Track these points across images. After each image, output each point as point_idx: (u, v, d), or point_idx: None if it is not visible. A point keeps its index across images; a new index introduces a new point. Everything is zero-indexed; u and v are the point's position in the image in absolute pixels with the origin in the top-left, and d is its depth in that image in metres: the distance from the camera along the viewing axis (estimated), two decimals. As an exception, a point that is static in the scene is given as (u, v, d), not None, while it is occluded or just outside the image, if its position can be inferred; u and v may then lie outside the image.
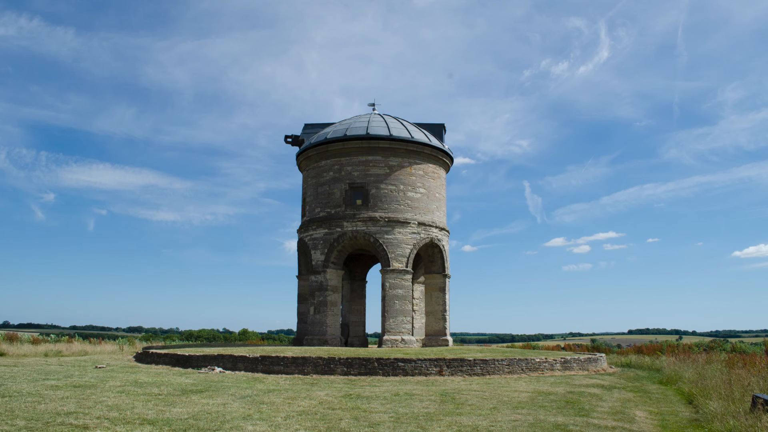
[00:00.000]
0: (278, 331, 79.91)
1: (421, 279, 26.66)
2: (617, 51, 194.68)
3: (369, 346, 26.81)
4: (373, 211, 23.71)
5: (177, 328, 74.26)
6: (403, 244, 23.64)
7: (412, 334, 24.19)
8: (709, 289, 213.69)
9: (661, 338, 72.08)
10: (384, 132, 24.28)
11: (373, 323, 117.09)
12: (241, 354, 17.17)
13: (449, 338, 25.27)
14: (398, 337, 22.97)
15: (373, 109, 27.44)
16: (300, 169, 27.09)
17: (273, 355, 16.77)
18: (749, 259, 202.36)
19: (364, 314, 28.50)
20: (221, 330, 62.27)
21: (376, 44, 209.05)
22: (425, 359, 16.09)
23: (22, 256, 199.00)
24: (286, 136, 27.90)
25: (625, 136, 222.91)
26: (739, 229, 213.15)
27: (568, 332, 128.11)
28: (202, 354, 17.84)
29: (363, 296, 28.71)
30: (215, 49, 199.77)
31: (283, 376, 15.50)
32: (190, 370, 16.86)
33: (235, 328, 61.47)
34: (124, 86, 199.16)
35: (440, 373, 15.84)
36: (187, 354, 18.21)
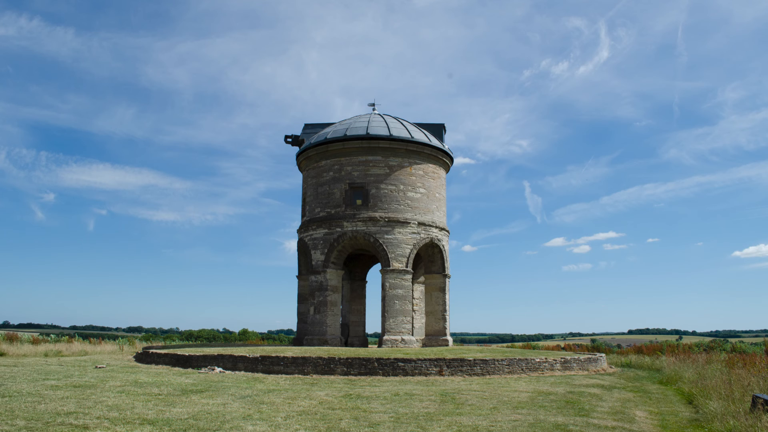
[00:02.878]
0: (278, 331, 79.89)
1: (421, 279, 26.67)
2: (617, 51, 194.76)
3: (369, 346, 26.81)
4: (373, 211, 23.72)
5: (177, 328, 74.26)
6: (403, 244, 23.65)
7: (412, 334, 24.19)
8: (709, 289, 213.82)
9: (661, 338, 72.03)
10: (384, 132, 24.28)
11: (373, 323, 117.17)
12: (241, 354, 17.17)
13: (449, 338, 25.28)
14: (398, 337, 22.98)
15: (373, 109, 27.44)
16: (300, 169, 27.10)
17: (273, 355, 16.77)
18: (749, 259, 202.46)
19: (364, 314, 28.51)
20: (221, 330, 62.23)
21: (376, 44, 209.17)
22: (425, 359, 16.09)
23: (22, 256, 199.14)
24: (286, 136, 27.91)
25: (625, 136, 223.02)
26: (739, 229, 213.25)
27: (568, 332, 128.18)
28: (202, 354, 17.85)
29: (363, 296, 28.71)
30: (215, 49, 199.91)
31: (283, 376, 15.50)
32: (190, 370, 16.86)
33: (235, 328, 61.46)
34: (124, 86, 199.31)
35: (440, 373, 15.84)
36: (187, 354, 18.22)
